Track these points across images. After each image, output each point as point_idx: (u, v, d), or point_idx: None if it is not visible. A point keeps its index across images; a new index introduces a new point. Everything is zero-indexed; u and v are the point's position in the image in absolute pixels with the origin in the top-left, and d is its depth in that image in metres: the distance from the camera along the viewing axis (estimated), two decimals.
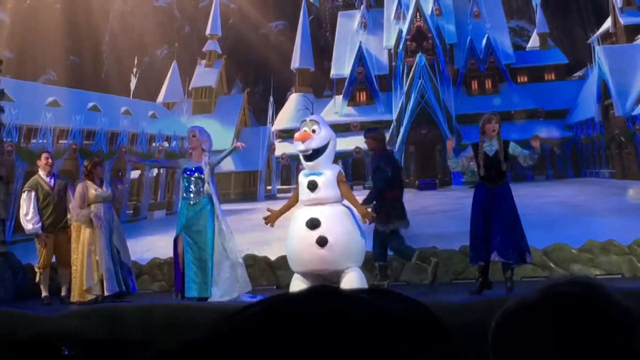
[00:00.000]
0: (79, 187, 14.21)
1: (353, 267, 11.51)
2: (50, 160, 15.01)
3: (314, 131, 11.60)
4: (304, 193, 11.68)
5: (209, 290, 12.39)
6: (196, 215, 12.75)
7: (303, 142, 11.54)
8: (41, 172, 14.78)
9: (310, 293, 1.20)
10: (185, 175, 12.90)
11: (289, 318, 1.12)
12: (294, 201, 12.25)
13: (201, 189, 12.83)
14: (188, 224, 12.76)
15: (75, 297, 13.81)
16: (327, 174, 11.64)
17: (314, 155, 11.59)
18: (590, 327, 1.36)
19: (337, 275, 11.56)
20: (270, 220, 12.36)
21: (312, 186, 11.48)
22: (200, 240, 12.67)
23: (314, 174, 11.58)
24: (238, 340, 1.12)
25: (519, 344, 1.42)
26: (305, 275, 11.53)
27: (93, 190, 14.10)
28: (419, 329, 1.17)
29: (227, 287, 12.62)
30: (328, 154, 11.79)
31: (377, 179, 13.24)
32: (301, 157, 11.95)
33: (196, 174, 12.84)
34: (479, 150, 12.56)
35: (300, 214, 11.64)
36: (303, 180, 11.77)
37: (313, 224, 11.21)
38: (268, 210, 12.53)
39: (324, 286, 1.22)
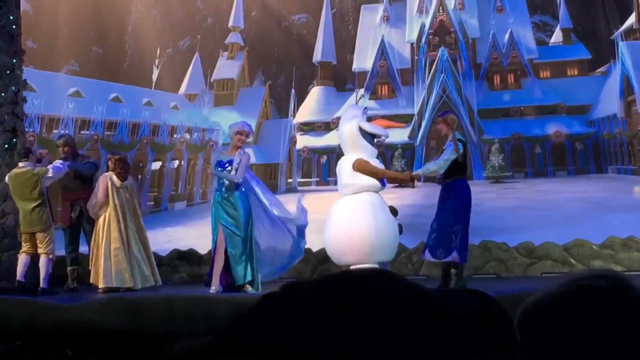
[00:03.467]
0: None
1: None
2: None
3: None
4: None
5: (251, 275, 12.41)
6: (232, 203, 12.72)
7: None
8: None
9: (369, 273, 1.20)
10: (218, 169, 12.87)
11: (341, 293, 1.13)
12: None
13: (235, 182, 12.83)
14: (224, 213, 12.72)
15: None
16: None
17: None
18: (617, 321, 1.34)
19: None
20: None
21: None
22: (237, 230, 12.62)
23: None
24: (288, 312, 1.12)
25: (545, 337, 1.39)
26: (382, 264, 11.41)
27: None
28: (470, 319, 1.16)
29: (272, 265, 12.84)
30: None
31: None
32: (375, 146, 11.90)
33: (228, 167, 12.81)
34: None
35: (384, 201, 11.74)
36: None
37: (394, 211, 11.39)
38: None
39: (381, 269, 1.22)
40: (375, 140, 11.74)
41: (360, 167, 11.48)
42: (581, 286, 1.43)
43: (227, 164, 12.81)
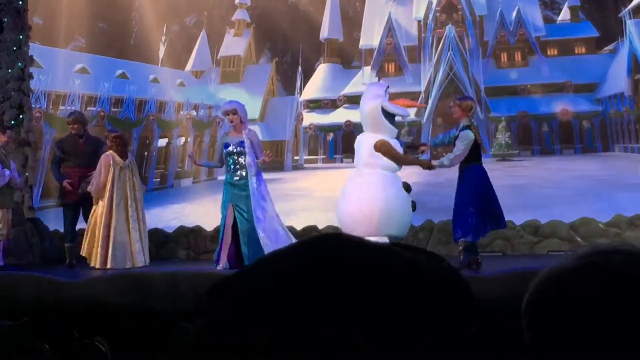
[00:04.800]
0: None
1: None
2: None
3: None
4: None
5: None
6: (241, 189, 12.75)
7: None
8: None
9: (323, 238, 1.18)
10: (230, 150, 12.86)
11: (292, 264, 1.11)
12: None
13: (244, 163, 12.83)
14: (235, 197, 12.75)
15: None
16: None
17: None
18: (635, 297, 1.29)
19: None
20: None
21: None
22: (247, 212, 12.65)
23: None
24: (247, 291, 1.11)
25: (557, 313, 1.35)
26: (393, 239, 11.46)
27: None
28: (439, 280, 1.14)
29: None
30: None
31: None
32: (393, 126, 11.96)
33: (240, 148, 12.82)
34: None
35: (398, 177, 11.82)
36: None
37: (408, 187, 11.49)
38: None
39: (337, 233, 1.20)
40: (396, 119, 11.84)
41: (383, 148, 11.60)
42: (597, 260, 1.38)
43: (237, 146, 12.81)
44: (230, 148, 12.83)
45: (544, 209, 12.22)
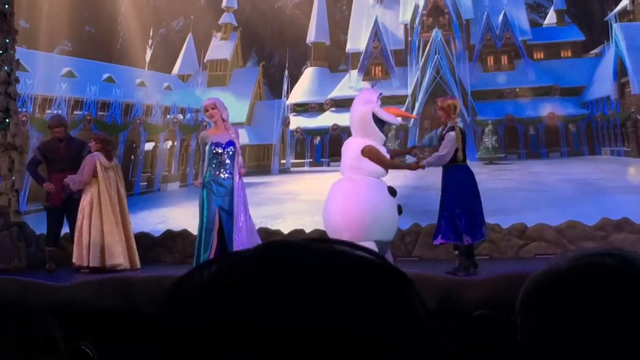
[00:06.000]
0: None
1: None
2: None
3: None
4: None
5: None
6: (228, 190, 12.71)
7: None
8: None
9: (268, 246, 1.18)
10: (217, 150, 12.79)
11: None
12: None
13: (234, 163, 12.79)
14: (219, 198, 12.70)
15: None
16: None
17: None
18: (627, 300, 1.31)
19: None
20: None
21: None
22: (230, 212, 12.62)
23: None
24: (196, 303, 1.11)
25: (549, 317, 1.37)
26: (381, 243, 11.45)
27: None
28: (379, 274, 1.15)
29: None
30: None
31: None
32: (383, 132, 11.88)
33: (229, 148, 12.78)
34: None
35: (384, 183, 11.73)
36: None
37: (393, 191, 11.44)
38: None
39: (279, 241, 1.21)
40: (385, 126, 11.85)
41: (371, 154, 11.60)
42: (588, 263, 1.40)
43: (228, 146, 12.79)
44: (219, 149, 12.75)
45: (530, 212, 12.26)
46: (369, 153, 11.54)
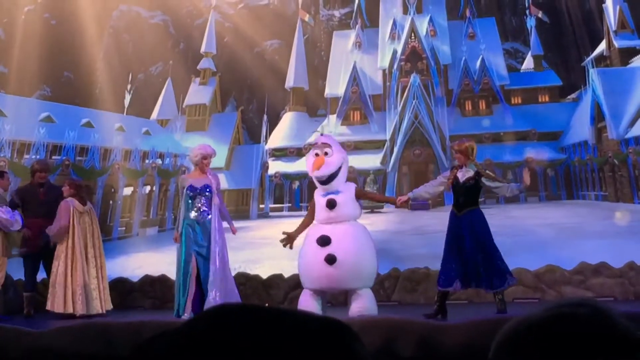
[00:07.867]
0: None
1: (363, 287, 11.27)
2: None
3: (326, 154, 11.51)
4: (322, 212, 11.46)
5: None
6: (204, 233, 12.70)
7: (318, 168, 11.43)
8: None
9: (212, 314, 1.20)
10: (193, 193, 12.82)
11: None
12: (309, 220, 11.89)
13: (209, 207, 12.79)
14: (197, 242, 12.68)
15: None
16: (344, 192, 11.53)
17: (329, 179, 11.47)
18: (597, 350, 1.33)
19: (346, 294, 11.52)
20: (290, 241, 11.97)
21: (331, 205, 11.31)
22: (207, 258, 12.60)
23: (332, 193, 11.44)
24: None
25: (526, 359, 1.37)
26: (315, 292, 11.40)
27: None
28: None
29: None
30: (342, 174, 11.61)
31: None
32: (315, 181, 11.72)
33: (206, 191, 12.81)
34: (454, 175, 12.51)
35: (313, 232, 11.47)
36: (321, 199, 11.52)
37: (324, 241, 11.08)
38: (284, 233, 12.03)
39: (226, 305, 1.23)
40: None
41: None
42: (561, 313, 1.41)
43: (205, 189, 12.81)
44: (195, 192, 12.78)
45: (508, 257, 12.24)
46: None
